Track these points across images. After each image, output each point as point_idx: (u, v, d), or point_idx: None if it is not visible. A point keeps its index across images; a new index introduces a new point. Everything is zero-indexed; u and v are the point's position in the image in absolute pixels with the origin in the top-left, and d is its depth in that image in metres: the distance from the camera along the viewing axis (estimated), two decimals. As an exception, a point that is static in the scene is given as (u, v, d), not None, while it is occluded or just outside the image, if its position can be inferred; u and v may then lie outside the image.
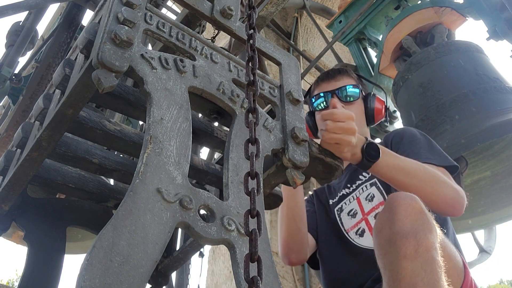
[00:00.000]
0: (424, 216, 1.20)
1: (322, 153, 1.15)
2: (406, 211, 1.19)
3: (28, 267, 1.28)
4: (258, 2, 2.81)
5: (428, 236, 1.16)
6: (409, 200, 1.22)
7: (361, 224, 1.71)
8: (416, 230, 1.15)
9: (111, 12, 0.91)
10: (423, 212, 1.21)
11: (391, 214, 1.20)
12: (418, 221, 1.17)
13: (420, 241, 1.13)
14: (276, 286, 0.83)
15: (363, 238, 1.68)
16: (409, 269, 1.09)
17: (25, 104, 2.86)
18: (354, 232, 1.72)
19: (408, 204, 1.21)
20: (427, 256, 1.12)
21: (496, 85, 2.56)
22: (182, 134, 0.89)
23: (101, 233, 0.68)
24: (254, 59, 0.93)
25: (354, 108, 1.82)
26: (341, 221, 1.80)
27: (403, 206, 1.20)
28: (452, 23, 3.08)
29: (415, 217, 1.18)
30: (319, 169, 1.16)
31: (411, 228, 1.15)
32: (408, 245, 1.12)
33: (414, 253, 1.11)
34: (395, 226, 1.17)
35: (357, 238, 1.70)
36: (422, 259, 1.11)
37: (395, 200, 1.23)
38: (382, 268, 1.18)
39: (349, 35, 3.69)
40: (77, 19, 3.18)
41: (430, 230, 1.18)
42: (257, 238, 0.71)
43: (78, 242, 2.27)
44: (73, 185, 1.28)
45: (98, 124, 1.07)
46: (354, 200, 1.79)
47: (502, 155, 2.63)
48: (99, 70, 0.83)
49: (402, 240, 1.14)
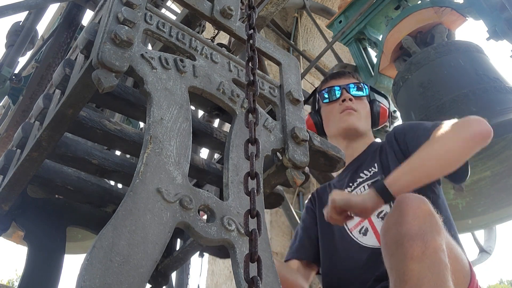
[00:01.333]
0: (432, 218, 1.20)
1: (324, 146, 1.15)
2: (414, 213, 1.19)
3: (28, 267, 1.28)
4: (258, 2, 2.81)
5: (436, 238, 1.16)
6: (418, 202, 1.22)
7: (364, 223, 1.70)
8: (424, 232, 1.15)
9: (111, 12, 0.91)
10: (432, 214, 1.21)
11: (400, 216, 1.20)
12: (426, 223, 1.18)
13: (428, 243, 1.13)
14: (276, 286, 0.83)
15: (367, 237, 1.68)
16: (416, 271, 1.10)
17: (25, 104, 2.86)
18: (358, 231, 1.71)
19: (416, 206, 1.21)
20: (434, 258, 1.12)
21: (496, 85, 2.56)
22: (182, 134, 0.89)
23: (101, 233, 0.68)
24: (254, 59, 0.93)
25: (363, 105, 1.88)
26: None
27: (411, 208, 1.20)
28: (452, 23, 3.08)
29: (423, 219, 1.18)
30: (321, 162, 1.16)
31: (418, 230, 1.16)
32: (416, 246, 1.13)
33: (421, 255, 1.11)
34: (403, 227, 1.17)
35: (361, 237, 1.70)
36: (429, 261, 1.11)
37: (404, 202, 1.23)
38: (389, 269, 1.19)
39: (349, 35, 3.69)
40: (77, 19, 3.18)
41: (438, 232, 1.18)
42: (257, 238, 0.71)
43: (78, 242, 2.27)
44: (72, 187, 1.28)
45: (98, 124, 1.07)
46: None
47: (502, 155, 2.63)
48: (99, 70, 0.83)
49: (410, 241, 1.14)
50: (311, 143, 1.08)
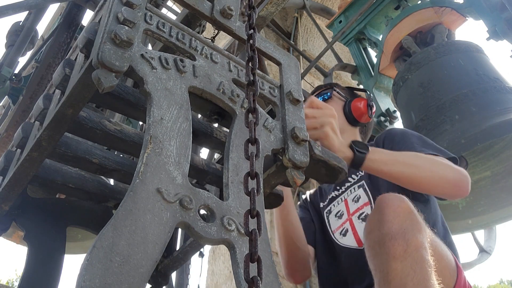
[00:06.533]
0: (413, 216, 1.21)
1: (325, 156, 1.14)
2: (394, 212, 1.19)
3: (28, 267, 1.28)
4: (258, 2, 2.81)
5: (417, 236, 1.16)
6: (398, 201, 1.23)
7: (346, 224, 1.72)
8: (405, 230, 1.16)
9: (111, 12, 0.91)
10: (412, 212, 1.22)
11: (380, 216, 1.20)
12: (406, 221, 1.18)
13: (409, 241, 1.13)
14: (276, 286, 0.83)
15: (346, 237, 1.69)
16: (398, 270, 1.10)
17: (25, 104, 2.85)
18: (339, 233, 1.73)
19: (396, 205, 1.21)
20: (416, 255, 1.12)
21: (496, 85, 2.56)
22: (182, 134, 0.89)
23: (101, 233, 0.68)
24: (254, 59, 0.93)
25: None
26: (329, 223, 1.82)
27: (391, 207, 1.21)
28: (452, 23, 3.08)
29: (404, 218, 1.18)
30: (323, 172, 1.15)
31: (399, 228, 1.16)
32: (397, 245, 1.13)
33: (403, 254, 1.11)
34: (384, 227, 1.17)
35: (341, 238, 1.72)
36: (412, 259, 1.11)
37: (384, 202, 1.24)
38: (372, 269, 1.19)
39: (349, 35, 3.69)
40: (77, 19, 3.18)
41: (419, 230, 1.18)
42: (257, 238, 0.71)
43: (78, 242, 2.27)
44: (73, 185, 1.28)
45: (98, 124, 1.07)
46: (342, 202, 1.80)
47: (502, 155, 2.63)
48: (99, 70, 0.83)
49: (391, 241, 1.14)
50: (312, 152, 1.07)
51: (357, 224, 1.67)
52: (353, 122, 1.90)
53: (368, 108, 1.90)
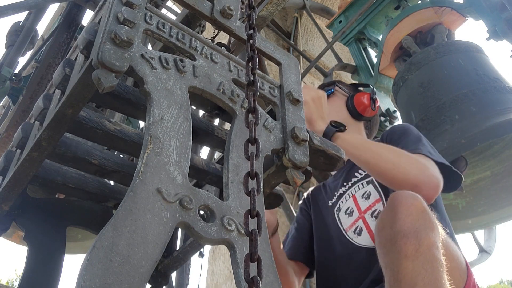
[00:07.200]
0: (426, 215, 1.20)
1: (323, 145, 1.15)
2: (407, 210, 1.18)
3: (28, 267, 1.28)
4: (258, 2, 2.81)
5: (430, 235, 1.15)
6: (411, 199, 1.22)
7: (358, 222, 1.70)
8: (417, 229, 1.15)
9: (111, 12, 0.91)
10: (425, 211, 1.21)
11: (393, 213, 1.19)
12: (419, 220, 1.17)
13: (421, 240, 1.13)
14: (276, 286, 0.83)
15: (361, 237, 1.68)
16: (409, 269, 1.09)
17: (25, 104, 2.85)
18: (353, 231, 1.71)
19: (410, 203, 1.20)
20: (428, 255, 1.11)
21: (496, 85, 2.56)
22: (182, 134, 0.89)
23: (101, 233, 0.68)
24: (254, 59, 0.93)
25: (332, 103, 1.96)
26: (339, 220, 1.78)
27: (405, 205, 1.20)
28: (452, 23, 3.08)
29: (417, 216, 1.17)
30: (321, 161, 1.16)
31: (412, 227, 1.15)
32: (409, 244, 1.12)
33: (415, 253, 1.11)
34: (396, 225, 1.16)
35: (356, 237, 1.69)
36: (423, 258, 1.10)
37: (397, 199, 1.23)
38: (383, 267, 1.18)
39: (349, 35, 3.69)
40: (77, 19, 3.18)
41: (432, 229, 1.17)
42: (257, 238, 0.71)
43: (78, 242, 2.27)
44: (73, 185, 1.28)
45: (98, 124, 1.07)
46: (350, 198, 1.77)
47: (502, 155, 2.63)
48: (99, 70, 0.83)
49: (403, 239, 1.13)
50: (311, 142, 1.08)
51: (370, 223, 1.65)
52: (357, 116, 1.90)
53: (371, 101, 1.89)
